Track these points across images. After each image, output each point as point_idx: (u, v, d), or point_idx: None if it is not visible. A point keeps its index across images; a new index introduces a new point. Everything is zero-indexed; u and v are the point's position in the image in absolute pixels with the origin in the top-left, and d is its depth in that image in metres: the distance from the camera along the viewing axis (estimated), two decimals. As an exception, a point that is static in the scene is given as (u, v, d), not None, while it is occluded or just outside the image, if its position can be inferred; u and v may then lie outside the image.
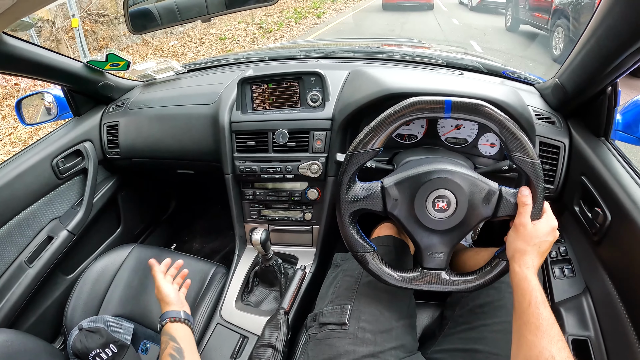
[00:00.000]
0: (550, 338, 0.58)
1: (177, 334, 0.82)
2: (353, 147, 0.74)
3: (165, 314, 0.87)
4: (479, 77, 1.21)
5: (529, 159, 0.69)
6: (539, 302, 0.61)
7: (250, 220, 1.23)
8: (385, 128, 0.73)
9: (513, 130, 0.68)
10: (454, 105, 0.70)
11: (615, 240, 0.79)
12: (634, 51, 0.71)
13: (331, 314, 0.82)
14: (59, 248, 1.22)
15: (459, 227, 0.74)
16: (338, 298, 0.85)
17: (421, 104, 0.71)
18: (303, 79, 1.11)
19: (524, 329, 0.60)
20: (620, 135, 1.01)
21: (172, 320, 0.85)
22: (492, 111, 0.69)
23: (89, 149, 1.33)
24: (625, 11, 0.67)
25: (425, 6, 11.66)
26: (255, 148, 1.14)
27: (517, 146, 0.69)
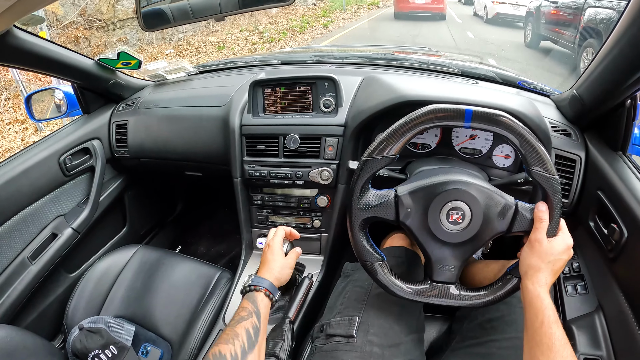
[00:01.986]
0: (562, 359, 0.57)
1: (263, 311, 0.75)
2: (368, 152, 0.73)
3: (264, 280, 0.79)
4: (494, 87, 1.21)
5: (548, 174, 0.68)
6: (551, 322, 0.61)
7: (258, 226, 1.23)
8: (403, 135, 0.72)
9: (533, 144, 0.68)
10: (475, 115, 0.69)
11: (631, 258, 0.78)
12: None
13: (339, 325, 0.81)
14: (62, 246, 1.22)
15: (472, 241, 0.73)
16: (347, 309, 0.84)
17: (441, 112, 0.70)
18: (316, 84, 1.11)
19: (536, 349, 0.60)
20: (638, 150, 1.00)
21: (267, 294, 0.77)
22: (512, 123, 0.68)
23: (97, 147, 1.34)
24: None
25: (438, 16, 11.48)
26: (266, 152, 1.14)
27: (537, 160, 0.68)
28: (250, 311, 0.72)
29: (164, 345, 1.08)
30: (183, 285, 1.16)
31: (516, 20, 9.54)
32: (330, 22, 11.40)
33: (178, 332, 1.07)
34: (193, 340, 1.04)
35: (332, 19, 12.00)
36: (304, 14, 12.14)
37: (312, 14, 12.38)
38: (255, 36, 8.99)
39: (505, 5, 9.75)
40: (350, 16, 13.23)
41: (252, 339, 0.67)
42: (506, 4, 9.72)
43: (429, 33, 9.52)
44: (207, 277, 1.17)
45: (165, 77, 1.46)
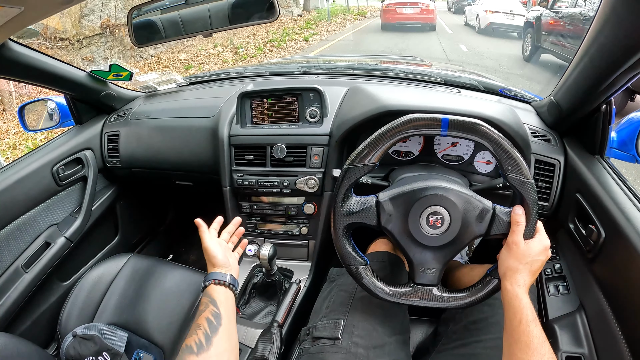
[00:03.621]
0: (540, 356, 0.60)
1: (218, 298, 0.77)
2: (350, 160, 0.77)
3: (211, 274, 0.83)
4: (476, 95, 1.26)
5: (523, 179, 0.72)
6: (529, 320, 0.64)
7: (247, 234, 1.27)
8: (383, 143, 0.76)
9: (508, 150, 0.72)
10: (451, 124, 0.73)
11: (609, 258, 0.82)
12: (626, 69, 0.74)
13: (324, 328, 0.84)
14: (55, 254, 1.26)
15: (452, 244, 0.76)
16: (332, 312, 0.88)
17: (418, 121, 0.74)
18: (302, 95, 1.17)
19: (515, 347, 0.63)
20: (615, 153, 1.04)
21: (217, 283, 0.80)
22: (488, 130, 0.72)
23: (89, 157, 1.39)
24: (615, 30, 0.70)
25: (427, 27, 11.11)
26: (254, 162, 1.19)
27: (512, 166, 0.72)
28: (206, 302, 0.76)
29: (156, 351, 1.10)
30: (174, 293, 1.20)
31: (510, 30, 9.33)
32: (312, 34, 11.04)
33: (170, 338, 1.10)
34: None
35: (315, 31, 11.66)
36: (288, 26, 11.91)
37: (296, 26, 12.16)
38: (229, 52, 8.72)
39: (499, 15, 9.53)
40: (335, 27, 12.91)
41: (214, 324, 0.70)
42: (500, 13, 9.51)
43: (418, 46, 9.13)
44: (198, 284, 1.20)
45: (156, 89, 1.51)
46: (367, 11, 18.14)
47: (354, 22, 14.73)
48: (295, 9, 14.53)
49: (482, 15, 10.01)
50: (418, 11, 10.87)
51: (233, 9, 1.12)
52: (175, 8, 1.18)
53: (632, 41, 0.68)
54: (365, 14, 17.14)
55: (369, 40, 10.46)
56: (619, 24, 0.69)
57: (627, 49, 0.70)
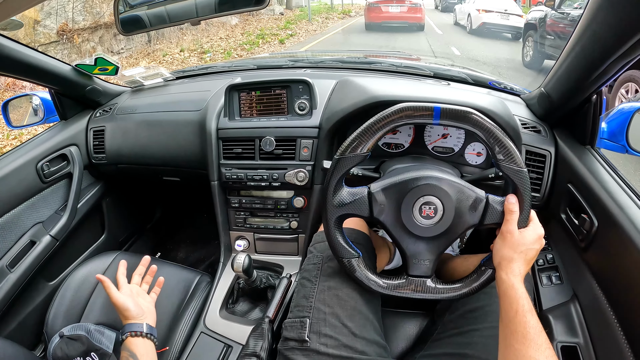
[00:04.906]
0: (537, 346, 0.60)
1: (137, 350, 0.80)
2: (341, 151, 0.77)
3: (126, 327, 0.86)
4: (465, 87, 1.28)
5: (516, 167, 0.73)
6: (526, 311, 0.64)
7: (236, 229, 1.29)
8: (374, 133, 0.76)
9: (501, 138, 0.73)
10: (443, 112, 0.74)
11: (602, 246, 0.84)
12: (618, 57, 0.75)
13: (292, 327, 0.83)
14: (41, 253, 1.26)
15: (445, 234, 0.77)
16: (297, 308, 0.87)
17: (410, 109, 0.74)
18: (291, 87, 1.18)
19: (511, 337, 0.63)
20: (605, 144, 1.06)
21: (134, 335, 0.84)
22: (480, 119, 0.73)
23: (74, 154, 1.38)
24: (608, 17, 0.71)
25: (415, 26, 10.59)
26: (242, 155, 1.20)
27: (505, 154, 0.73)
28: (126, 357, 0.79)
29: (145, 350, 1.11)
30: (163, 290, 1.19)
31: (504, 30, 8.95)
32: (289, 35, 10.45)
33: (159, 336, 1.10)
34: (174, 344, 1.08)
35: (294, 31, 11.08)
36: (266, 26, 11.44)
37: (275, 25, 11.69)
38: (195, 58, 8.27)
39: (493, 14, 9.08)
40: (316, 27, 12.32)
41: None
42: (493, 12, 9.07)
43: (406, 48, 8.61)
44: (186, 281, 1.21)
45: (142, 83, 1.52)
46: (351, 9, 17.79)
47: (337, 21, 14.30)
48: (277, 7, 14.20)
49: (474, 14, 9.60)
50: (405, 10, 10.39)
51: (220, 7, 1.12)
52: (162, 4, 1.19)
53: (625, 28, 0.69)
54: (349, 13, 16.80)
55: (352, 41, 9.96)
56: (613, 11, 0.70)
57: (620, 36, 0.71)
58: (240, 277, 1.09)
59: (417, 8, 10.41)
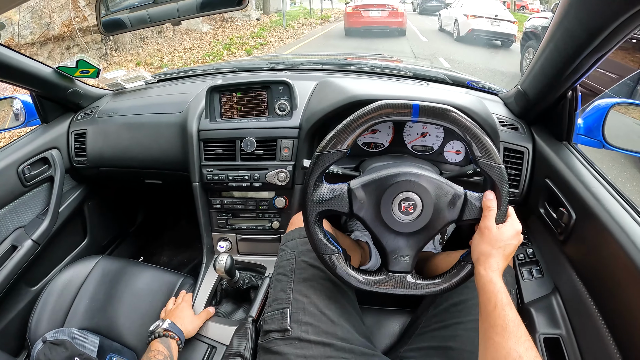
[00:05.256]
0: (517, 339, 0.61)
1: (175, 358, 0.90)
2: (321, 147, 0.77)
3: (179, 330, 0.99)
4: (444, 87, 1.29)
5: (494, 163, 0.74)
6: (504, 304, 0.65)
7: (218, 230, 1.29)
8: (354, 130, 0.76)
9: (478, 135, 0.74)
10: (421, 109, 0.75)
11: (580, 238, 0.86)
12: (590, 52, 0.77)
13: (272, 320, 0.84)
14: (23, 258, 1.25)
15: (424, 230, 0.78)
16: (275, 301, 0.87)
17: (389, 107, 0.75)
18: (271, 88, 1.19)
19: (491, 331, 0.64)
20: (582, 139, 1.08)
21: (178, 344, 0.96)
22: (458, 116, 0.74)
23: (55, 157, 1.38)
24: (579, 13, 0.73)
25: (396, 31, 10.19)
26: (223, 156, 1.21)
27: (482, 151, 0.74)
28: (166, 356, 0.83)
29: (130, 354, 1.11)
30: (146, 294, 1.20)
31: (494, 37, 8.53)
32: (260, 44, 9.75)
33: (143, 340, 1.10)
34: None
35: (266, 39, 10.38)
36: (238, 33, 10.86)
37: (247, 32, 11.06)
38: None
39: (482, 20, 8.60)
40: (290, 35, 11.55)
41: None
42: (483, 18, 8.58)
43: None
44: (169, 284, 1.22)
45: (123, 86, 1.52)
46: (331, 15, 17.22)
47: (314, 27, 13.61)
48: (254, 13, 13.64)
49: (462, 20, 9.15)
50: (386, 14, 10.02)
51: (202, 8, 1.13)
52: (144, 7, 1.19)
53: (596, 23, 0.71)
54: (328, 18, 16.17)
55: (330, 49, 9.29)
56: (583, 6, 0.71)
57: (591, 31, 0.72)
58: (223, 278, 1.09)
59: (398, 12, 10.11)
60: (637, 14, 0.63)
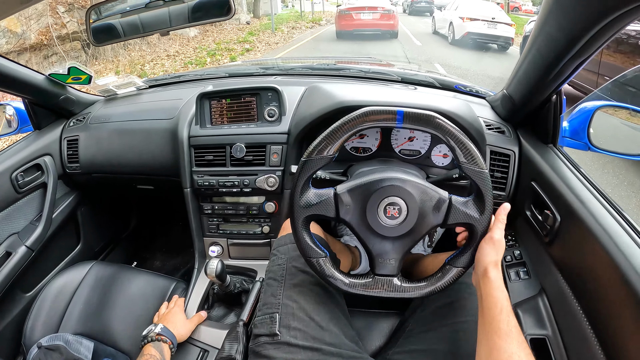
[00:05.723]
0: (518, 344, 0.65)
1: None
2: (307, 153, 0.79)
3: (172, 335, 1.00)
4: (432, 91, 1.31)
5: (478, 169, 0.76)
6: (509, 311, 0.68)
7: (210, 235, 1.31)
8: (340, 136, 0.78)
9: (462, 141, 0.76)
10: (406, 116, 0.77)
11: (565, 240, 0.88)
12: (571, 57, 0.78)
13: (262, 324, 0.86)
14: (17, 264, 1.27)
15: (410, 234, 0.79)
16: (265, 306, 0.89)
17: (374, 113, 0.77)
18: (260, 94, 1.21)
19: (494, 335, 0.67)
20: (568, 142, 1.10)
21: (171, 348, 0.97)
22: (442, 122, 0.76)
23: (48, 164, 1.40)
24: (559, 19, 0.74)
25: (388, 34, 10.23)
26: (213, 162, 1.23)
27: (466, 156, 0.76)
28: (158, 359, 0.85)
29: (124, 358, 1.13)
30: (139, 298, 1.22)
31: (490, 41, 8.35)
32: (246, 50, 9.47)
33: (137, 344, 1.12)
34: None
35: (253, 44, 10.17)
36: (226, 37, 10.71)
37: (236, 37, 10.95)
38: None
39: (478, 23, 8.40)
40: (279, 39, 11.31)
41: None
42: (479, 20, 8.36)
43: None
44: (162, 288, 1.23)
45: (115, 92, 1.54)
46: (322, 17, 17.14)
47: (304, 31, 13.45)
48: (243, 16, 13.48)
49: (457, 23, 9.00)
50: (378, 17, 9.97)
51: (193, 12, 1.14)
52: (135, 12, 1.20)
53: (576, 29, 0.72)
54: (319, 21, 16.03)
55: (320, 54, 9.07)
56: (563, 13, 0.72)
57: (572, 37, 0.74)
58: (214, 282, 1.11)
59: (390, 15, 10.09)
60: (616, 20, 0.64)
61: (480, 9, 8.76)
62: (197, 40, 10.25)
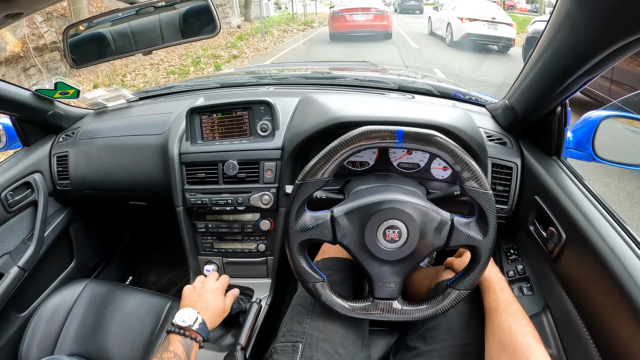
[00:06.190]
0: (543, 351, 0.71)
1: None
2: (302, 176, 0.77)
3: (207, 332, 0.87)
4: (430, 100, 1.28)
5: (482, 190, 0.74)
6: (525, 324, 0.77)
7: (204, 253, 1.30)
8: (336, 157, 0.76)
9: (466, 160, 0.73)
10: (406, 135, 0.74)
11: (571, 259, 0.86)
12: (580, 75, 0.76)
13: (283, 352, 0.85)
14: (10, 285, 1.26)
15: (410, 257, 0.78)
16: (289, 333, 0.88)
17: (372, 133, 0.74)
18: (252, 108, 1.18)
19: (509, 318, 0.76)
20: (572, 153, 1.09)
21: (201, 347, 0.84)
22: (444, 141, 0.73)
23: (38, 181, 1.38)
24: (570, 35, 0.71)
25: (382, 34, 10.25)
26: (206, 180, 1.20)
27: (470, 176, 0.74)
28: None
29: (119, 379, 1.12)
30: (135, 318, 1.21)
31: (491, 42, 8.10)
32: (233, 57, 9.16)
33: None
34: None
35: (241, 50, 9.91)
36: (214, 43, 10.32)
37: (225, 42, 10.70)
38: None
39: (478, 24, 8.10)
40: (269, 44, 11.01)
41: None
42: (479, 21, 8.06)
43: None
44: (158, 308, 1.22)
45: (105, 105, 1.52)
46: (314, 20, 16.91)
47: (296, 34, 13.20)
48: (234, 20, 13.32)
49: (455, 24, 8.72)
50: (371, 18, 10.06)
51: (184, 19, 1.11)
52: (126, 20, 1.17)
53: (586, 48, 0.69)
54: (311, 24, 15.77)
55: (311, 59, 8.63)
56: (573, 30, 0.70)
57: (582, 55, 0.71)
58: None
59: (383, 15, 10.13)
60: (633, 43, 0.61)
61: (479, 9, 8.54)
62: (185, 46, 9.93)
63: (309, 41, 11.40)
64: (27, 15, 0.71)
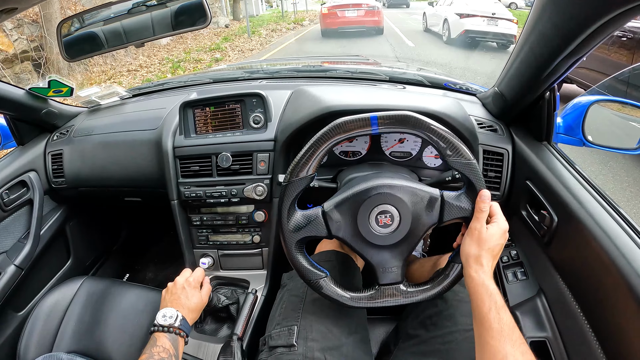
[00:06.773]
0: (513, 342, 0.63)
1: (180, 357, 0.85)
2: (287, 176, 0.79)
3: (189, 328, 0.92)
4: (421, 90, 1.30)
5: (464, 160, 0.75)
6: (499, 307, 0.66)
7: (199, 247, 1.31)
8: (316, 153, 0.78)
9: (443, 134, 0.75)
10: (380, 120, 0.75)
11: (563, 241, 0.87)
12: (566, 56, 0.77)
13: (279, 336, 0.87)
14: (7, 284, 1.27)
15: (407, 239, 0.79)
16: (285, 320, 0.90)
17: (347, 124, 0.76)
18: (245, 101, 1.19)
19: (486, 334, 0.65)
20: (562, 138, 1.11)
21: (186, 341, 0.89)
22: (418, 119, 0.75)
23: (33, 180, 1.39)
24: (553, 18, 0.73)
25: (374, 30, 10.30)
26: (200, 173, 1.22)
27: (451, 150, 0.75)
28: (171, 354, 0.81)
29: (118, 375, 1.13)
30: (132, 313, 1.22)
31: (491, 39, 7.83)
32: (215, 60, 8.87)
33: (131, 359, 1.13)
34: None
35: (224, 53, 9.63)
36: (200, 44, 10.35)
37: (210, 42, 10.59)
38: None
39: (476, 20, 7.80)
40: (255, 45, 10.72)
41: None
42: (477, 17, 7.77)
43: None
44: (155, 302, 1.22)
45: (98, 103, 1.53)
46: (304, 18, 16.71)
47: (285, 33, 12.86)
48: (222, 19, 13.18)
49: (453, 20, 8.42)
50: (362, 14, 10.17)
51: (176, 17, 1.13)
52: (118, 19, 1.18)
53: (570, 28, 0.71)
54: (302, 22, 15.58)
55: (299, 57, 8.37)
56: (557, 11, 0.71)
57: (566, 36, 0.73)
58: None
59: (374, 11, 10.26)
60: (612, 20, 0.63)
61: (478, 4, 8.28)
62: (168, 48, 9.89)
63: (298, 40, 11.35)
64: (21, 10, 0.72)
